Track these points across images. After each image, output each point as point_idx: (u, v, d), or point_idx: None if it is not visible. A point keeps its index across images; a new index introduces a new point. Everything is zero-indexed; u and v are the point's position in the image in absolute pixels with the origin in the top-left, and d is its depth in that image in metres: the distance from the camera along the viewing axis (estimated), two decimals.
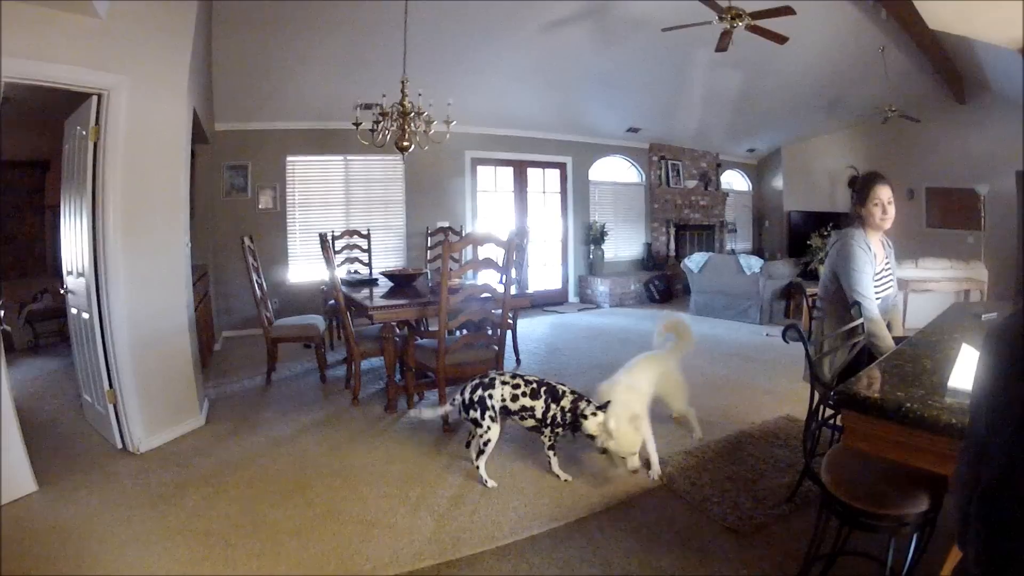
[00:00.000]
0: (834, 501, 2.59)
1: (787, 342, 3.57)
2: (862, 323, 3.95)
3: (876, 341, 4.01)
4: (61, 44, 4.53)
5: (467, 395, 4.58)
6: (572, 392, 4.65)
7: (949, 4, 7.82)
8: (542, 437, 4.65)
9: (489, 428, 4.51)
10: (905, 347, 3.22)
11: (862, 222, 4.34)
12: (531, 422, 4.61)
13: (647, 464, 4.69)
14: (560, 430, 4.59)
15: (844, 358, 3.90)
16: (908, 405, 2.26)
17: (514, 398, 4.58)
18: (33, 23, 4.33)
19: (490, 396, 4.54)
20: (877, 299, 4.20)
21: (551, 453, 4.64)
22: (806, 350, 3.36)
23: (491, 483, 4.51)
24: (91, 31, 4.66)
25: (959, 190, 13.03)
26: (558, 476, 4.61)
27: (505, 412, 4.60)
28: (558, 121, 12.58)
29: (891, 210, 4.27)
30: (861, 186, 4.34)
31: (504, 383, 4.63)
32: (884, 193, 4.24)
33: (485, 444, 4.54)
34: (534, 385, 4.65)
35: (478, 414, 4.52)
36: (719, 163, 16.19)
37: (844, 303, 4.21)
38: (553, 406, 4.56)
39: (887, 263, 4.43)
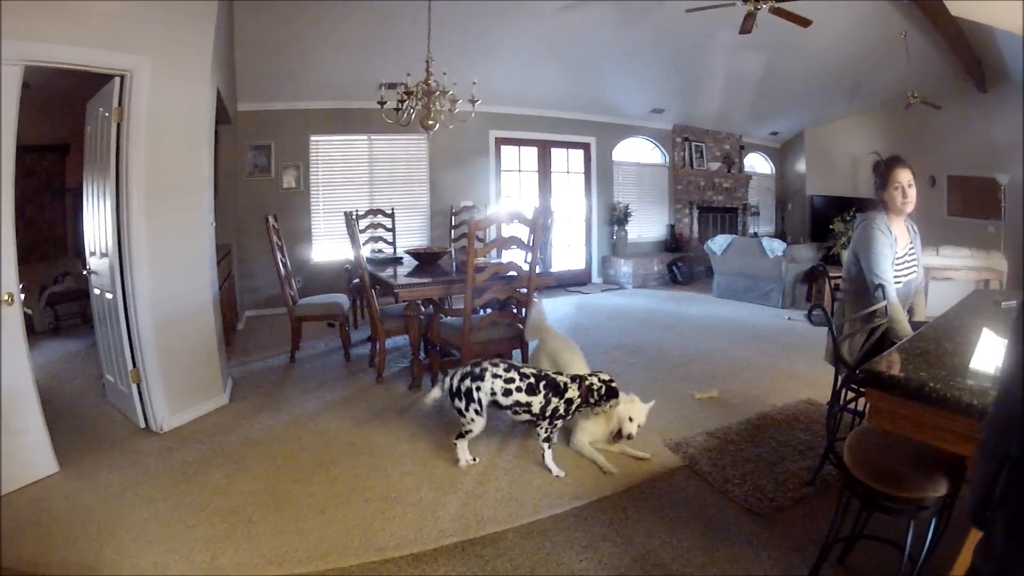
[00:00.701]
0: (855, 483, 2.60)
1: (812, 323, 3.54)
2: (884, 306, 3.93)
3: (893, 324, 3.98)
4: (82, 26, 4.50)
5: (454, 382, 4.39)
6: (572, 379, 4.51)
7: None
8: (538, 429, 4.47)
9: (472, 420, 4.36)
10: (927, 330, 3.21)
11: (884, 206, 4.35)
12: (525, 416, 4.45)
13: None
14: (560, 421, 4.47)
15: (866, 340, 3.87)
16: (931, 385, 2.28)
17: (506, 392, 4.37)
18: (54, 6, 4.30)
19: (478, 388, 4.34)
20: (899, 283, 4.21)
21: (545, 446, 4.43)
22: (830, 329, 3.33)
23: (464, 462, 4.44)
24: (112, 12, 4.63)
25: (980, 179, 12.84)
26: (550, 471, 4.37)
27: (495, 406, 4.43)
28: (582, 101, 12.50)
29: (911, 193, 4.26)
30: (882, 170, 4.34)
31: (496, 376, 4.38)
32: (904, 176, 4.25)
33: (467, 432, 4.43)
34: (531, 380, 4.41)
35: (462, 404, 4.36)
36: (742, 145, 16.08)
37: (866, 286, 4.20)
38: (555, 400, 4.39)
39: (911, 247, 4.42)
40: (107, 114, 4.95)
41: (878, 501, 2.53)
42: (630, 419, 4.50)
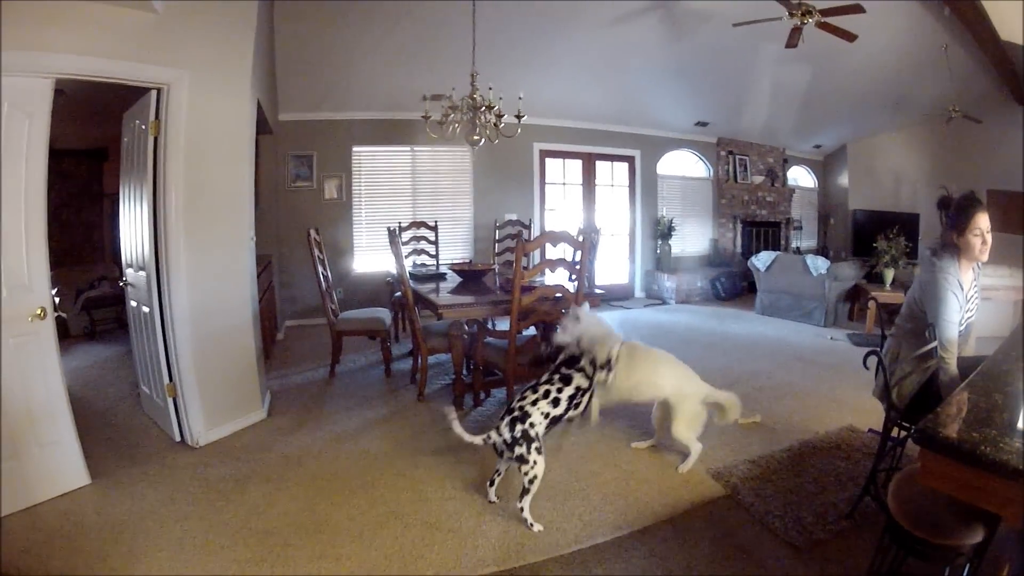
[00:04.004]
0: (898, 528, 2.62)
1: (867, 368, 3.40)
2: (935, 347, 3.77)
3: (942, 376, 3.77)
4: (117, 40, 4.46)
5: (506, 435, 4.09)
6: (570, 360, 4.46)
7: (1021, 14, 7.60)
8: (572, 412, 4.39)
9: (535, 463, 4.03)
10: (976, 379, 3.03)
11: (957, 252, 3.99)
12: (581, 400, 4.39)
13: None
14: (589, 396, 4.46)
15: (918, 380, 3.81)
16: (982, 448, 2.20)
17: (555, 402, 4.21)
18: (88, 19, 4.27)
19: (531, 425, 4.08)
20: (961, 330, 3.92)
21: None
22: (882, 369, 3.20)
23: (537, 527, 4.01)
24: (147, 26, 4.58)
25: (1020, 193, 12.61)
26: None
27: (554, 423, 4.25)
28: (626, 114, 12.42)
29: (990, 239, 3.95)
30: (959, 212, 3.99)
31: (534, 403, 4.17)
32: (985, 222, 3.92)
33: (531, 482, 3.97)
34: (547, 386, 4.30)
35: (524, 449, 4.04)
36: (785, 159, 15.87)
37: (925, 328, 3.95)
38: (567, 388, 4.31)
39: (975, 286, 4.14)
40: (144, 127, 4.91)
41: (916, 547, 2.57)
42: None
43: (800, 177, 17.03)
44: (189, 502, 4.14)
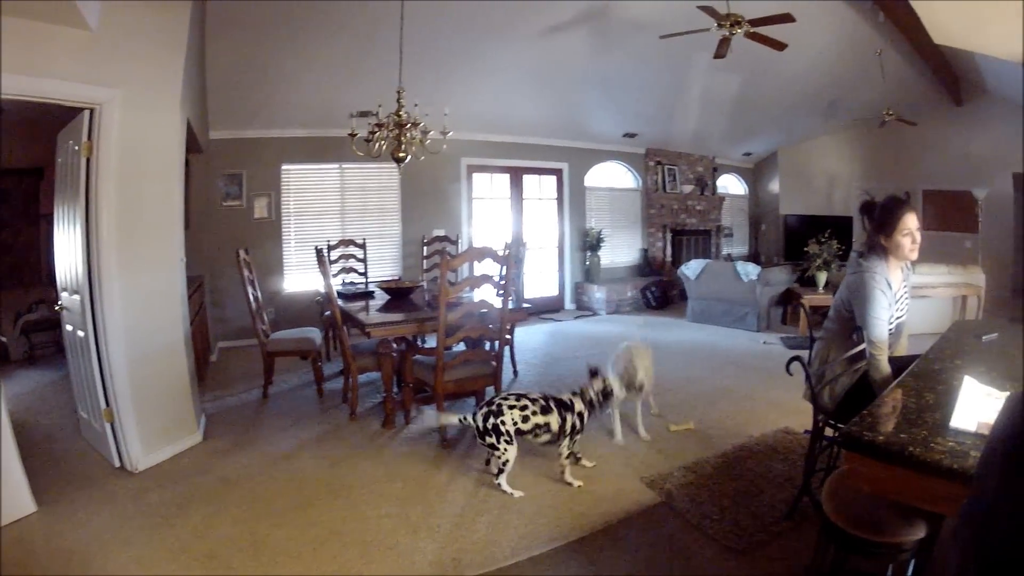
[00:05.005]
0: (834, 529, 2.62)
1: (790, 374, 3.56)
2: (865, 348, 3.92)
3: (874, 373, 3.92)
4: (52, 58, 4.49)
5: (480, 422, 4.62)
6: (573, 394, 4.91)
7: (954, 18, 7.82)
8: (560, 448, 4.78)
9: (506, 450, 4.59)
10: (907, 379, 3.16)
11: (885, 252, 4.07)
12: (546, 437, 4.75)
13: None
14: (579, 435, 4.85)
15: (848, 383, 3.89)
16: (911, 449, 2.27)
17: (525, 419, 4.66)
18: (22, 37, 4.27)
19: (502, 423, 4.59)
20: (891, 329, 4.07)
21: (567, 463, 4.80)
22: (809, 383, 3.35)
23: (517, 494, 4.63)
24: (82, 44, 4.61)
25: (956, 192, 13.10)
26: (571, 484, 4.77)
27: (518, 433, 4.66)
28: (555, 127, 12.59)
29: (919, 237, 4.01)
30: (886, 214, 4.03)
31: (511, 407, 4.67)
32: (914, 222, 3.97)
33: (504, 464, 4.64)
34: (542, 402, 4.74)
35: (494, 439, 4.59)
36: (715, 167, 16.26)
37: (853, 330, 4.09)
38: (569, 416, 4.74)
39: (904, 287, 4.23)
40: (76, 147, 4.95)
41: (856, 546, 2.56)
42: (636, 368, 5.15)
43: (730, 185, 17.48)
44: (132, 528, 4.19)
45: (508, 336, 6.48)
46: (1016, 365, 3.41)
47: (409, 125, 6.77)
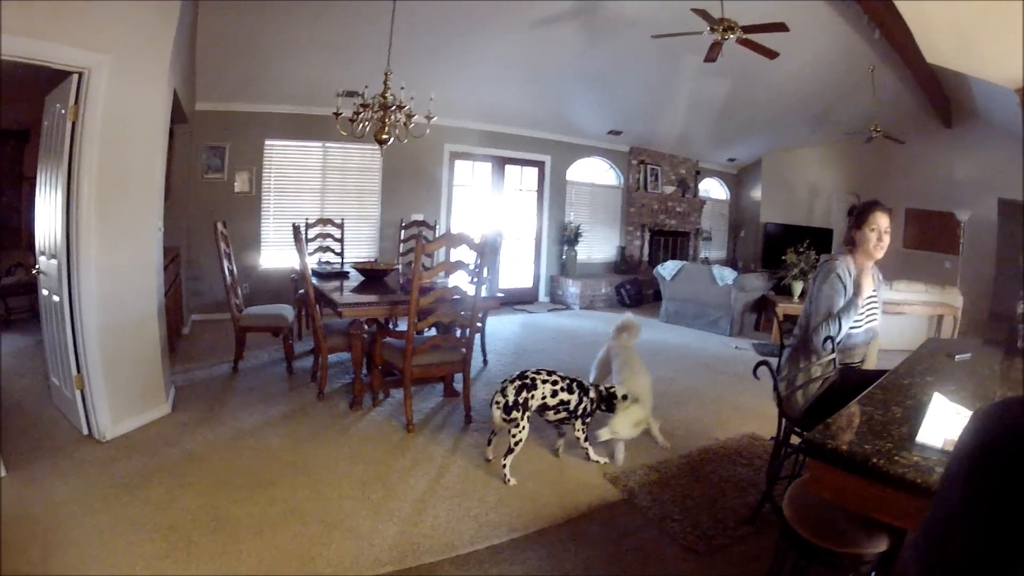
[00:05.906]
0: (794, 536, 2.63)
1: (757, 378, 3.62)
2: (835, 358, 4.01)
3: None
4: (44, 19, 4.48)
5: (511, 397, 4.72)
6: (588, 383, 5.12)
7: (948, 39, 7.92)
8: (575, 431, 5.05)
9: (524, 428, 4.72)
10: (876, 391, 3.18)
11: (853, 247, 4.32)
12: (563, 414, 4.97)
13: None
14: (589, 419, 5.05)
15: (815, 391, 3.97)
16: (875, 460, 2.25)
17: (554, 394, 4.87)
18: None
19: (532, 396, 4.78)
20: (858, 327, 4.22)
21: (587, 444, 5.08)
22: (776, 388, 3.41)
23: (513, 481, 4.71)
24: (75, 8, 4.61)
25: (939, 213, 13.18)
26: (598, 461, 5.09)
27: (543, 409, 4.85)
28: (540, 119, 12.60)
29: (887, 239, 4.23)
30: (861, 211, 4.30)
31: (544, 381, 4.86)
32: (883, 221, 4.20)
33: (516, 444, 4.73)
34: (568, 381, 4.97)
35: (519, 414, 4.70)
36: (698, 170, 16.32)
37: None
38: (584, 398, 4.98)
39: (875, 293, 4.33)
40: (63, 111, 4.94)
41: (817, 555, 2.56)
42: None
43: (712, 189, 17.56)
44: (97, 497, 4.21)
45: (479, 324, 6.51)
46: (987, 386, 3.45)
47: (394, 108, 6.77)
